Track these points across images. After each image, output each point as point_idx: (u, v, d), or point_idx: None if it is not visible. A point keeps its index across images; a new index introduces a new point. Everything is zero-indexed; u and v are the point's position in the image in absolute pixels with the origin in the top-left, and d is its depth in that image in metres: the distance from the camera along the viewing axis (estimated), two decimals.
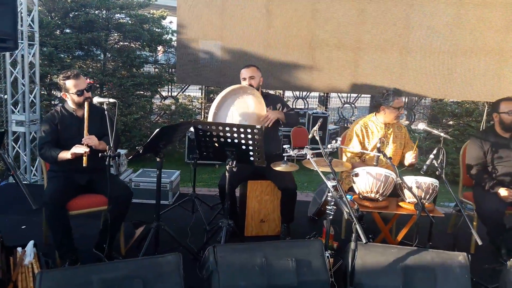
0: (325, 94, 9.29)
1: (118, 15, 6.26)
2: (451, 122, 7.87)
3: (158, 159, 2.80)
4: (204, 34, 4.59)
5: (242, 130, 2.65)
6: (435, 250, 2.50)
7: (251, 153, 2.75)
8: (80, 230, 3.00)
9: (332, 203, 2.65)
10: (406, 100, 9.21)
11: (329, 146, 2.83)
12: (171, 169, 4.65)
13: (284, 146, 2.81)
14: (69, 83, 2.88)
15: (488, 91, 4.62)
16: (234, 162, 2.75)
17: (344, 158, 3.42)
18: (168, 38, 6.77)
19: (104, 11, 6.16)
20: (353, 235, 2.31)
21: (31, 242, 2.48)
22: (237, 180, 3.29)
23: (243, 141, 2.70)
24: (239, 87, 3.23)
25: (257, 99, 3.23)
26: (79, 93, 2.88)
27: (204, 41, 4.63)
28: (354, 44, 4.55)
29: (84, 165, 2.66)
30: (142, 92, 6.60)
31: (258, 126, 2.61)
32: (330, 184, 2.52)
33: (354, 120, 9.71)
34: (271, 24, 4.47)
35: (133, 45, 6.55)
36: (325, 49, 4.56)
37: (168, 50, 7.13)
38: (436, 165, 2.88)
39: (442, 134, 2.94)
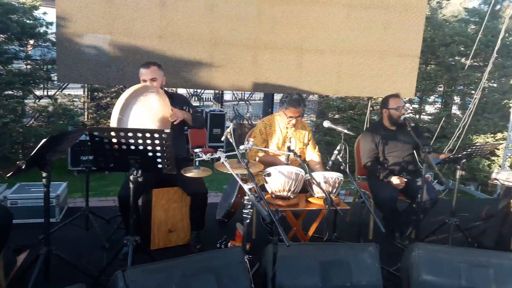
0: (220, 91, 9.22)
1: None
2: (336, 116, 8.47)
3: (44, 174, 2.37)
4: (89, 28, 4.09)
5: (148, 135, 2.38)
6: (347, 243, 2.59)
7: (159, 160, 2.50)
8: None
9: (249, 206, 2.56)
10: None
11: (241, 147, 2.71)
12: (52, 179, 4.06)
13: (196, 150, 2.62)
14: None
15: (371, 87, 5.03)
16: (140, 172, 2.47)
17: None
18: (42, 31, 5.95)
19: None
20: (274, 238, 2.25)
21: None
22: (141, 189, 2.98)
23: (149, 148, 2.43)
24: (142, 86, 2.94)
25: (160, 97, 2.97)
26: None
27: (89, 35, 4.14)
28: (253, 42, 4.52)
29: None
30: (12, 92, 5.71)
31: (167, 130, 2.38)
32: (246, 187, 2.43)
33: (249, 117, 9.89)
34: (166, 17, 4.19)
35: None
36: (224, 46, 4.44)
37: (43, 44, 6.27)
38: (340, 160, 2.99)
39: (345, 130, 3.06)
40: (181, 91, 8.99)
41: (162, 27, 4.20)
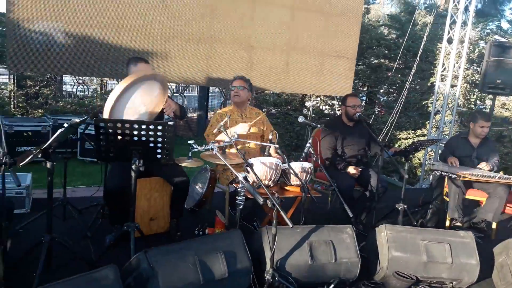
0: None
1: None
2: (273, 111, 8.91)
3: (49, 164, 2.35)
4: (41, 14, 3.95)
5: (152, 127, 2.49)
6: (329, 225, 2.91)
7: (159, 150, 2.61)
8: None
9: (242, 194, 2.78)
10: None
11: (227, 139, 2.91)
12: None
13: (189, 142, 2.76)
14: None
15: (314, 85, 5.49)
16: (141, 161, 2.56)
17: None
18: None
19: None
20: (274, 221, 2.51)
21: None
22: (126, 179, 3.02)
23: (151, 139, 2.53)
24: (152, 73, 2.95)
25: (163, 86, 3.00)
26: None
27: (41, 22, 3.98)
28: (206, 38, 4.68)
29: None
30: None
31: (171, 123, 2.51)
32: (241, 176, 2.64)
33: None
34: (121, 8, 4.19)
35: None
36: (177, 40, 4.55)
37: None
38: (312, 151, 3.34)
39: (318, 126, 3.40)
40: None
41: (117, 17, 4.21)
